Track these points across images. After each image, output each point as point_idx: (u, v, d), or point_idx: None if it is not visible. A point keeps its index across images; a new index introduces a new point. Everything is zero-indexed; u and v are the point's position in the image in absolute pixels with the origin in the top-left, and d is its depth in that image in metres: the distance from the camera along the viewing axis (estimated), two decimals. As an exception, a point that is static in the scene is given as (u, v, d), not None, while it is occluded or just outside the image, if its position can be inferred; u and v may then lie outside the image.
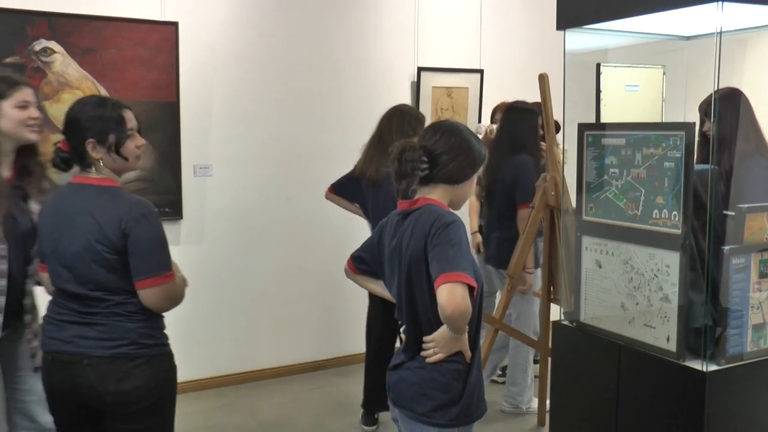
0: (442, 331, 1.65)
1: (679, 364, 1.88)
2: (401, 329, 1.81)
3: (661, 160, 1.90)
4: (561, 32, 2.17)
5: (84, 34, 3.18)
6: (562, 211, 2.54)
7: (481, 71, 4.20)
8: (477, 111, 4.21)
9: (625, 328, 2.04)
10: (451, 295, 1.52)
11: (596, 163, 2.11)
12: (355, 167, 3.08)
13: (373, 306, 3.12)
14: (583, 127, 2.17)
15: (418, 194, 1.73)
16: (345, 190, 3.13)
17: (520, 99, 3.36)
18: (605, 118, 2.52)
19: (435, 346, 1.67)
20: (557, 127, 2.92)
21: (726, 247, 1.86)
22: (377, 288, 1.91)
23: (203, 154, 3.56)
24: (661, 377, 1.92)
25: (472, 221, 3.81)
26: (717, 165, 2.07)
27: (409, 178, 1.69)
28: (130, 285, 1.72)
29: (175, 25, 3.37)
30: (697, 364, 1.86)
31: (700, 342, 1.87)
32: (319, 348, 3.94)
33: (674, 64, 2.59)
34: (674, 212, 1.87)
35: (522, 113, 3.22)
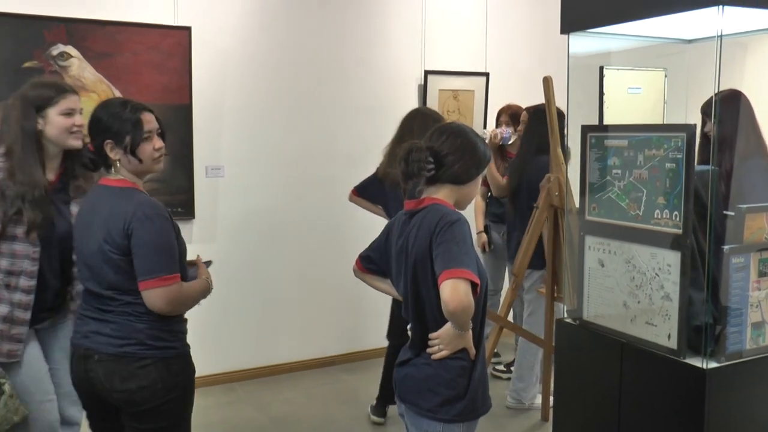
0: (447, 329, 1.66)
1: (679, 362, 1.87)
2: (407, 326, 1.82)
3: (663, 161, 1.90)
4: (565, 36, 2.17)
5: (99, 38, 3.22)
6: (566, 211, 2.57)
7: (487, 74, 4.23)
8: (483, 113, 4.24)
9: (627, 325, 2.03)
10: (454, 291, 1.54)
11: (599, 164, 2.10)
12: (378, 169, 3.06)
13: (396, 303, 3.12)
14: (586, 129, 2.16)
15: (424, 194, 1.75)
16: (368, 192, 3.11)
17: (529, 103, 3.37)
18: (608, 120, 2.52)
19: (440, 343, 1.69)
20: (560, 115, 2.91)
21: (726, 247, 1.86)
22: (385, 287, 1.92)
23: (215, 155, 3.59)
24: (662, 374, 1.92)
25: (477, 221, 3.84)
26: (717, 166, 2.07)
27: (416, 179, 1.71)
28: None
29: (188, 29, 3.40)
30: (697, 362, 1.86)
31: (700, 340, 1.87)
32: (328, 345, 3.98)
33: (675, 67, 2.58)
34: (675, 212, 1.87)
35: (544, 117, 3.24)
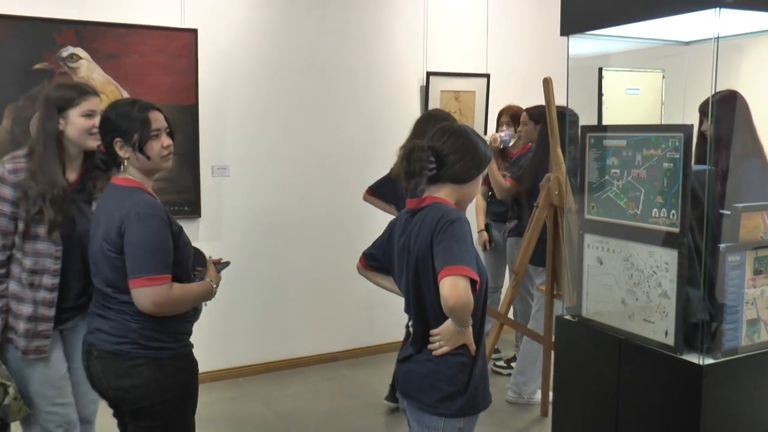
0: (448, 325, 1.69)
1: (676, 358, 1.88)
2: (409, 323, 1.84)
3: (661, 161, 1.91)
4: (564, 38, 2.18)
5: (108, 40, 3.26)
6: (565, 210, 2.59)
7: (488, 75, 4.25)
8: (483, 114, 4.26)
9: (626, 322, 2.05)
10: (453, 287, 1.56)
11: (598, 164, 2.11)
12: (392, 170, 3.09)
13: None
14: (585, 129, 2.18)
15: (426, 193, 1.78)
16: (382, 192, 3.16)
17: (538, 104, 3.34)
18: (607, 121, 2.54)
19: (441, 340, 1.71)
20: (562, 115, 2.93)
21: (722, 245, 1.87)
22: (387, 284, 1.95)
23: (221, 155, 3.63)
24: (660, 370, 1.94)
25: (478, 219, 3.88)
26: (714, 166, 2.08)
27: (418, 178, 1.74)
28: None
29: (194, 32, 3.44)
30: (694, 358, 1.87)
31: (697, 336, 1.88)
32: (332, 341, 4.01)
33: (673, 69, 2.59)
34: (673, 211, 1.88)
35: (561, 118, 3.25)
